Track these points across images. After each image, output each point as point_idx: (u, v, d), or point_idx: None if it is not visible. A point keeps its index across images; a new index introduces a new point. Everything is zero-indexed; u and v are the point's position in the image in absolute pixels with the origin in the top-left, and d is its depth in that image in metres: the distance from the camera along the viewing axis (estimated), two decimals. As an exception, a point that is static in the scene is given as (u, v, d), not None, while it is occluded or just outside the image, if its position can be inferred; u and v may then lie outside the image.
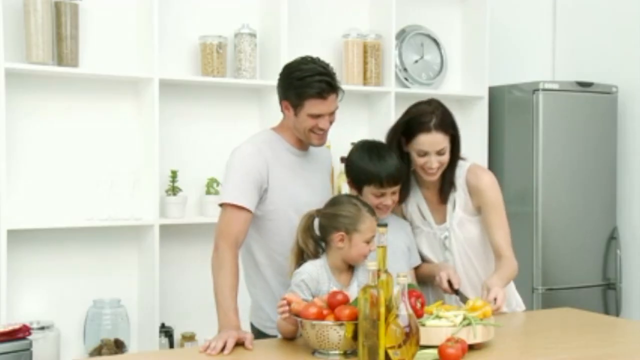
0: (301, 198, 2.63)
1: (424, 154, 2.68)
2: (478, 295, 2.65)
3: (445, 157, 2.69)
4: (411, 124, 2.71)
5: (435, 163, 2.67)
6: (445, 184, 2.77)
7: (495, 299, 2.51)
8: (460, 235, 2.77)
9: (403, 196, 2.79)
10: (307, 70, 2.56)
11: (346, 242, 2.41)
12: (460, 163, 2.79)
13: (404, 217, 2.87)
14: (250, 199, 2.55)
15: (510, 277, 2.74)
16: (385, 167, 2.62)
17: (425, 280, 2.83)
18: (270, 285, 2.67)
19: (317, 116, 2.56)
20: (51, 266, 3.49)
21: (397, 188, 2.67)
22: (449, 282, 2.67)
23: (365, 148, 2.70)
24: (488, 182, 2.77)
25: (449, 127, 2.69)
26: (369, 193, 2.63)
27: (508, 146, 4.41)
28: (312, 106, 2.55)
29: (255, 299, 2.73)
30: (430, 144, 2.66)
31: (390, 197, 2.65)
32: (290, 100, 2.58)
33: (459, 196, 2.78)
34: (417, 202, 2.84)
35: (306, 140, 2.65)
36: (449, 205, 2.79)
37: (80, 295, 3.53)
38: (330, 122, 2.62)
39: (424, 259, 2.85)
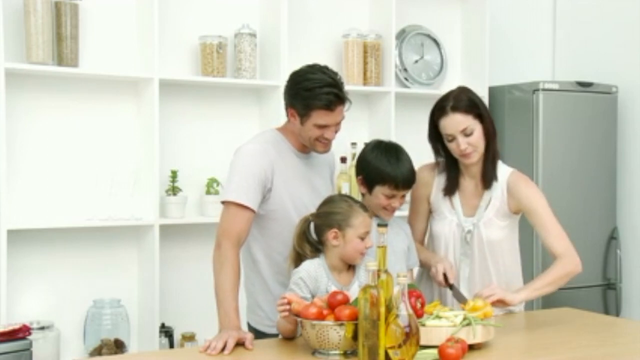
0: (303, 200, 2.65)
1: (452, 138, 2.68)
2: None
3: (475, 139, 2.66)
4: (434, 112, 2.74)
5: (464, 144, 2.65)
6: (487, 172, 2.73)
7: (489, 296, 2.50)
8: (483, 235, 2.75)
9: (452, 187, 2.78)
10: (315, 80, 2.54)
11: (340, 238, 2.41)
12: (504, 166, 2.79)
13: (428, 202, 2.86)
14: (254, 198, 2.55)
15: (555, 280, 2.69)
16: (402, 170, 2.63)
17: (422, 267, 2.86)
18: (269, 284, 2.67)
19: (323, 126, 2.56)
20: (51, 266, 3.49)
21: (408, 191, 2.69)
22: (445, 276, 2.68)
23: (383, 148, 2.69)
24: (530, 184, 2.75)
25: (468, 106, 2.66)
26: (380, 193, 2.64)
27: (508, 146, 4.40)
28: (319, 117, 2.54)
29: (254, 298, 2.73)
30: (451, 126, 2.66)
31: (399, 200, 2.67)
32: (296, 109, 2.58)
33: (496, 197, 2.75)
34: None
35: (311, 147, 2.66)
36: (483, 202, 2.76)
37: (80, 295, 3.53)
38: (336, 132, 2.62)
39: (437, 250, 2.83)
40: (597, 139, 4.43)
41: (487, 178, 2.74)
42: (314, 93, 2.52)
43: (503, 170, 2.78)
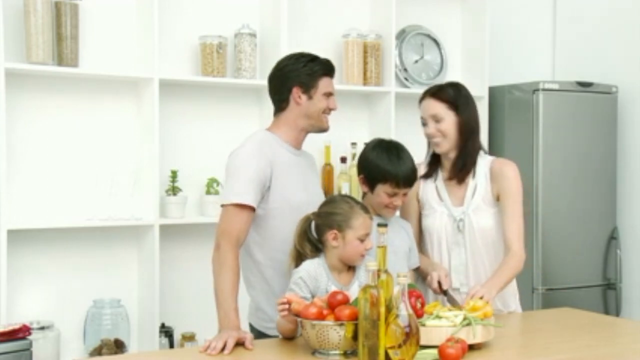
0: (301, 197, 2.65)
1: (424, 122, 2.79)
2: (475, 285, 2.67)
3: (444, 126, 2.74)
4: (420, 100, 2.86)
5: (432, 129, 2.75)
6: (458, 162, 2.78)
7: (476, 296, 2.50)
8: (474, 222, 2.78)
9: (430, 172, 2.86)
10: (306, 55, 2.72)
11: (340, 240, 2.41)
12: (486, 156, 2.85)
13: (417, 200, 2.89)
14: (254, 197, 2.55)
15: (511, 277, 2.73)
16: (403, 168, 2.65)
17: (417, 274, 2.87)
18: (272, 286, 2.66)
19: (329, 95, 2.68)
20: (51, 266, 3.49)
21: (409, 189, 2.70)
22: (439, 283, 2.69)
23: (384, 147, 2.71)
24: (512, 170, 2.80)
25: (445, 95, 2.76)
26: (382, 192, 2.65)
27: (508, 146, 4.41)
28: (325, 85, 2.68)
29: (255, 300, 2.72)
30: (424, 109, 2.79)
31: (401, 198, 2.68)
32: (302, 84, 2.65)
33: (480, 184, 2.79)
34: (436, 183, 2.86)
35: (317, 126, 2.71)
36: (469, 191, 2.80)
37: (80, 295, 3.53)
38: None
39: (431, 244, 2.85)
40: (597, 139, 4.43)
41: (458, 173, 2.80)
42: (315, 62, 2.68)
43: (485, 159, 2.83)
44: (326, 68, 2.69)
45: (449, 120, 2.74)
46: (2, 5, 3.21)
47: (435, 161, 2.87)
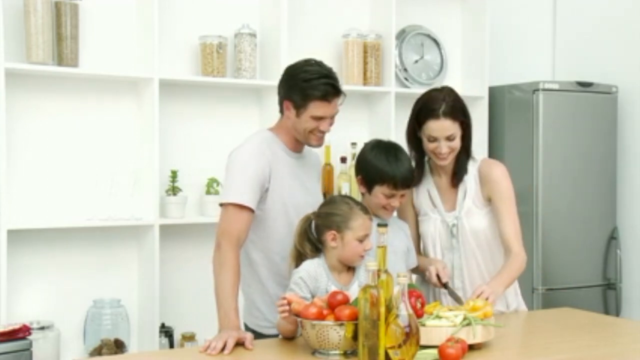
0: (297, 199, 2.65)
1: (434, 139, 2.72)
2: (474, 287, 2.67)
3: (456, 143, 2.72)
4: (422, 111, 2.77)
5: (445, 148, 2.71)
6: (459, 169, 2.79)
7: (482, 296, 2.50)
8: (467, 225, 2.78)
9: (417, 179, 2.83)
10: (312, 72, 2.59)
11: (339, 241, 2.41)
12: (474, 157, 2.84)
13: (413, 206, 2.89)
14: (253, 198, 2.55)
15: (514, 278, 2.73)
16: (401, 170, 2.65)
17: (417, 273, 2.87)
18: (266, 285, 2.67)
19: (320, 118, 2.59)
20: (51, 266, 3.49)
21: (407, 191, 2.71)
22: (438, 277, 2.70)
23: (382, 148, 2.71)
24: (500, 172, 2.80)
25: (458, 113, 2.72)
26: (380, 193, 2.66)
27: (508, 146, 4.41)
28: (316, 108, 2.57)
29: (250, 299, 2.73)
30: (439, 130, 2.70)
31: (398, 199, 2.69)
32: (293, 100, 2.60)
33: (470, 186, 2.79)
34: (428, 189, 2.86)
35: (304, 141, 2.67)
36: (460, 194, 2.80)
37: (80, 295, 3.53)
38: (330, 125, 2.64)
39: (426, 249, 2.86)
40: (597, 139, 4.43)
41: (459, 175, 2.80)
42: (311, 84, 2.56)
43: (474, 162, 2.83)
44: (323, 94, 2.56)
45: (459, 136, 2.73)
46: (2, 5, 3.20)
47: (421, 167, 2.86)
